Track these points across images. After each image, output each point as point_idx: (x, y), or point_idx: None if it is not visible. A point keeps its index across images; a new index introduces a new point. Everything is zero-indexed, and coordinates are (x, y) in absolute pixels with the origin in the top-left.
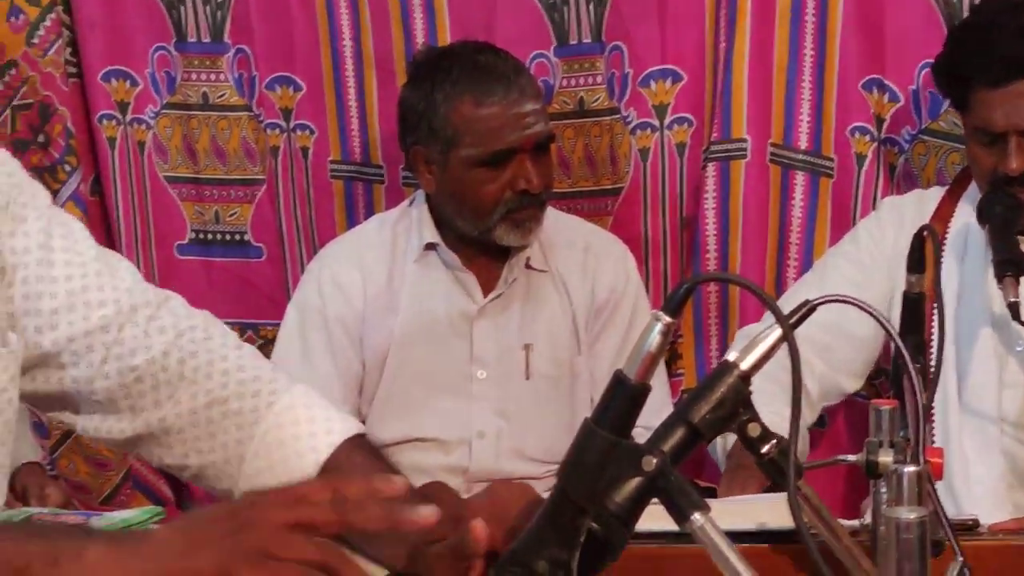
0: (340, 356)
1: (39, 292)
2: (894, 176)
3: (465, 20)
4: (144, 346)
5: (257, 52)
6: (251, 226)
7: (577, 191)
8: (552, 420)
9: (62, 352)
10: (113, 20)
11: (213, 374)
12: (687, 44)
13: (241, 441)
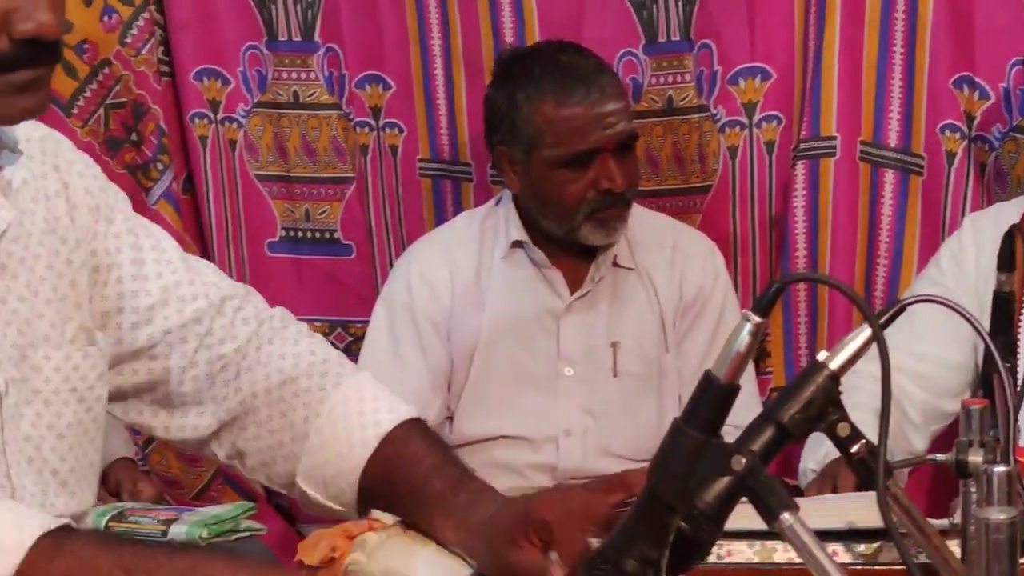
0: (429, 352)
1: (134, 290)
2: (984, 174)
3: (553, 18)
4: (231, 336)
5: (347, 51)
6: (340, 224)
7: (665, 189)
8: (640, 418)
9: (157, 344)
10: (205, 19)
11: (286, 355)
12: (776, 42)
13: (307, 418)
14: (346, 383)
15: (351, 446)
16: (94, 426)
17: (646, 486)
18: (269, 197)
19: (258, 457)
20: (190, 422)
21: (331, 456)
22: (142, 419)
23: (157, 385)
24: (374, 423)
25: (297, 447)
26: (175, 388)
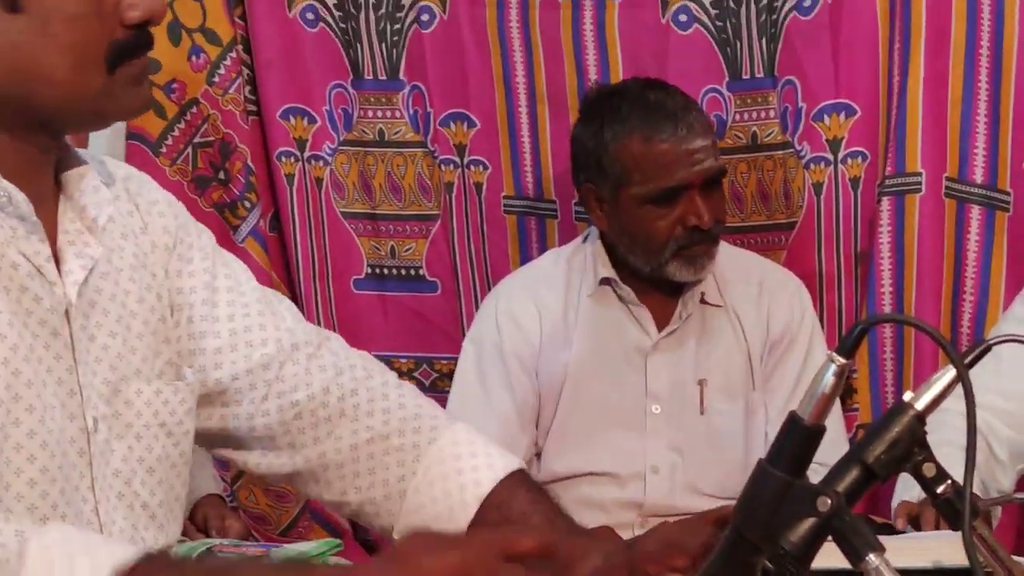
0: (517, 389)
1: (203, 332)
2: None
3: (637, 56)
4: (305, 383)
5: (432, 89)
6: (426, 261)
7: (750, 225)
8: (727, 455)
9: (226, 390)
10: (291, 59)
11: (374, 411)
12: (861, 77)
13: (403, 477)
14: (441, 438)
15: (451, 508)
16: (181, 460)
17: (731, 525)
18: (355, 234)
19: (349, 509)
20: (267, 461)
21: (430, 519)
22: (226, 454)
23: (230, 432)
24: (473, 483)
25: (393, 506)
26: (247, 434)
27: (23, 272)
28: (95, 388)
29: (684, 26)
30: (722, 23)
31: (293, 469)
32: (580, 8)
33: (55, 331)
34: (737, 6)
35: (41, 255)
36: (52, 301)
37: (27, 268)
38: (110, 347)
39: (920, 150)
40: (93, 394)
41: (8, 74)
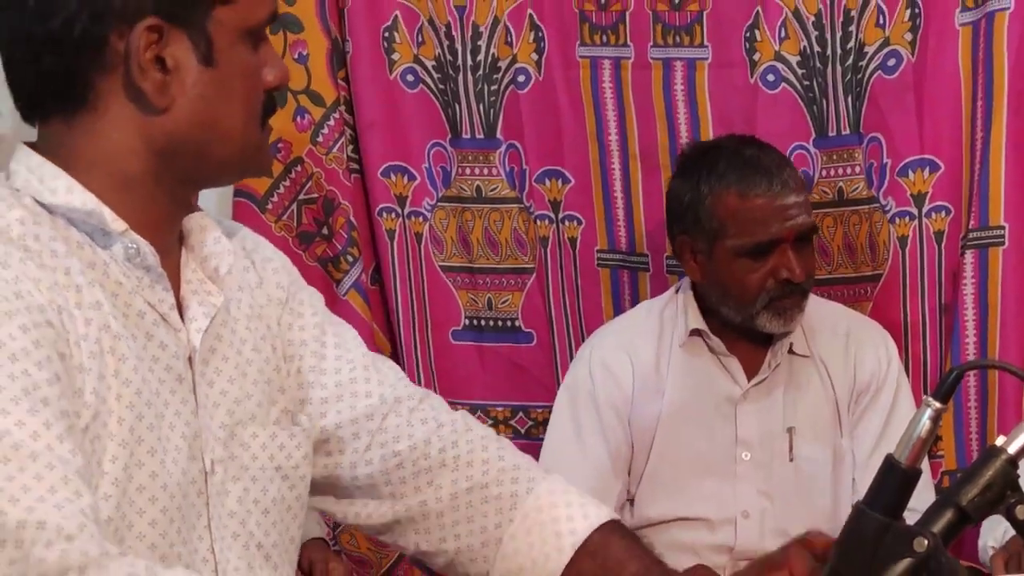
0: (611, 437)
1: (311, 382)
2: None
3: (727, 114)
4: (407, 434)
5: (527, 147)
6: (522, 312)
7: (838, 278)
8: (815, 500)
9: (330, 439)
10: (392, 119)
11: (474, 462)
12: (944, 134)
13: (500, 524)
14: (538, 488)
15: (547, 555)
16: (297, 504)
17: (830, 565)
18: (453, 287)
19: (445, 558)
20: (365, 511)
21: (527, 564)
22: (325, 505)
23: (333, 480)
24: (569, 531)
25: (490, 552)
26: (350, 483)
27: (149, 320)
28: (212, 432)
29: (772, 85)
30: (809, 82)
31: (393, 518)
32: (671, 69)
33: (180, 376)
34: (824, 66)
35: (165, 303)
36: (177, 347)
37: (152, 316)
38: (228, 392)
39: (1003, 204)
40: (211, 437)
41: (193, 125)
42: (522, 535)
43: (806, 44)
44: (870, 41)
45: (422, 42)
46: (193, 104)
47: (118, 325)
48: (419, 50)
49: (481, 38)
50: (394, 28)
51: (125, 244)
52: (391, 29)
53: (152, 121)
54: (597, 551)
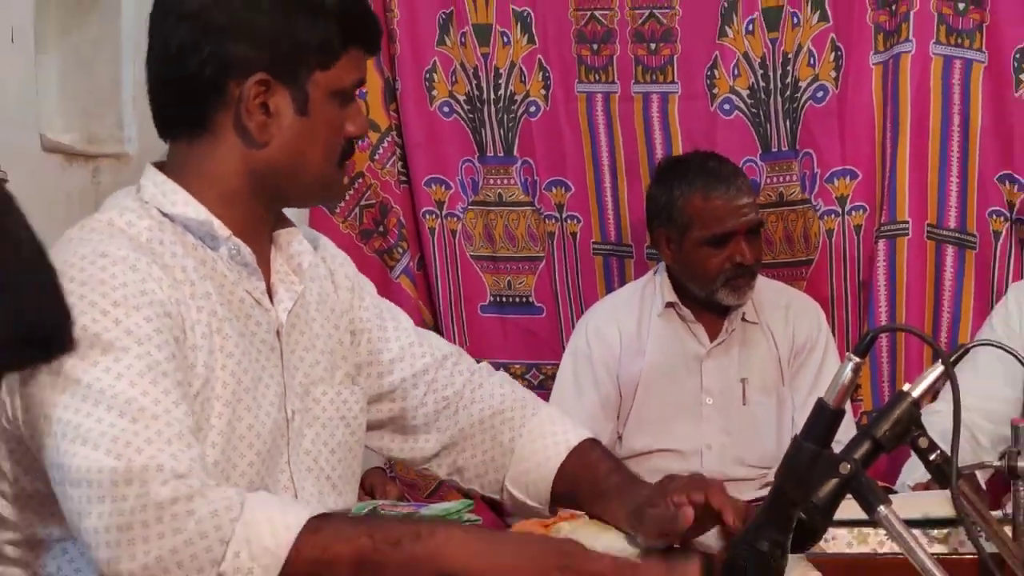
0: (603, 389)
1: (379, 348)
2: None
3: (693, 134)
4: (451, 383)
5: (538, 163)
6: (534, 291)
7: (779, 262)
8: (764, 436)
9: (396, 390)
10: (432, 140)
11: (494, 395)
12: (861, 150)
13: (513, 438)
14: (540, 413)
15: (547, 458)
16: (357, 445)
17: (775, 486)
18: (480, 272)
19: (473, 471)
20: (419, 446)
21: (531, 466)
22: (382, 444)
23: (396, 419)
24: (564, 441)
25: (505, 460)
26: (410, 422)
27: (247, 304)
28: (293, 389)
29: (727, 113)
30: (756, 110)
31: (439, 446)
32: (649, 101)
33: (272, 346)
34: (767, 97)
35: (259, 290)
36: (268, 324)
37: (250, 301)
38: (304, 358)
39: (908, 204)
40: (291, 393)
41: (284, 160)
42: (528, 444)
43: (754, 80)
44: (803, 78)
45: (455, 81)
46: (286, 144)
47: (223, 310)
48: (453, 88)
49: (501, 78)
50: (433, 70)
51: (229, 246)
52: (431, 71)
53: (253, 152)
54: (581, 455)
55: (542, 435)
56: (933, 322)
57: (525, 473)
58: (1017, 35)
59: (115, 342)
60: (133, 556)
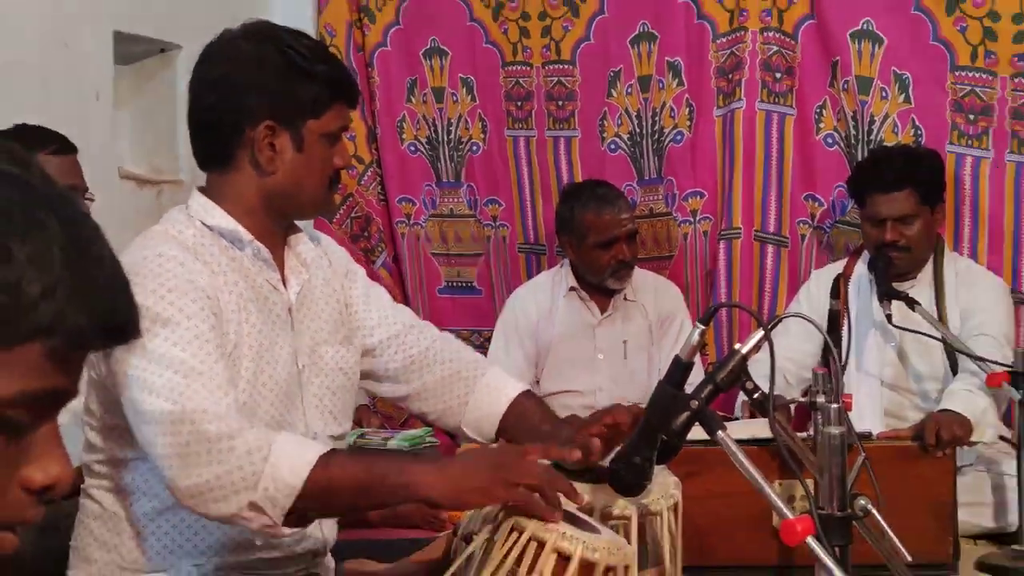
0: (525, 348)
1: (365, 317)
2: (822, 246)
3: (588, 167)
4: (417, 344)
5: (479, 186)
6: (476, 279)
7: (650, 257)
8: (639, 381)
9: (375, 348)
10: (402, 171)
11: (453, 359)
12: (707, 177)
13: (467, 392)
14: (488, 373)
15: (493, 409)
16: (352, 388)
17: (645, 417)
18: (438, 265)
19: (435, 415)
20: (392, 389)
21: (481, 415)
22: (367, 386)
23: (377, 370)
24: (506, 395)
25: (461, 410)
26: (384, 373)
27: (265, 290)
28: (302, 349)
29: (613, 151)
30: (633, 149)
31: (407, 393)
32: (558, 143)
33: (285, 320)
34: (641, 140)
35: (274, 279)
36: (282, 304)
37: (268, 287)
38: (311, 327)
39: (740, 214)
40: (302, 352)
41: (287, 185)
42: (478, 399)
43: (632, 128)
44: (667, 126)
45: (419, 128)
46: (288, 173)
47: (248, 293)
48: (417, 133)
49: (453, 125)
50: (403, 120)
51: (252, 248)
52: (401, 121)
53: (264, 180)
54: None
55: (489, 391)
56: (758, 300)
57: (476, 420)
58: (817, 96)
59: (170, 318)
60: (188, 476)
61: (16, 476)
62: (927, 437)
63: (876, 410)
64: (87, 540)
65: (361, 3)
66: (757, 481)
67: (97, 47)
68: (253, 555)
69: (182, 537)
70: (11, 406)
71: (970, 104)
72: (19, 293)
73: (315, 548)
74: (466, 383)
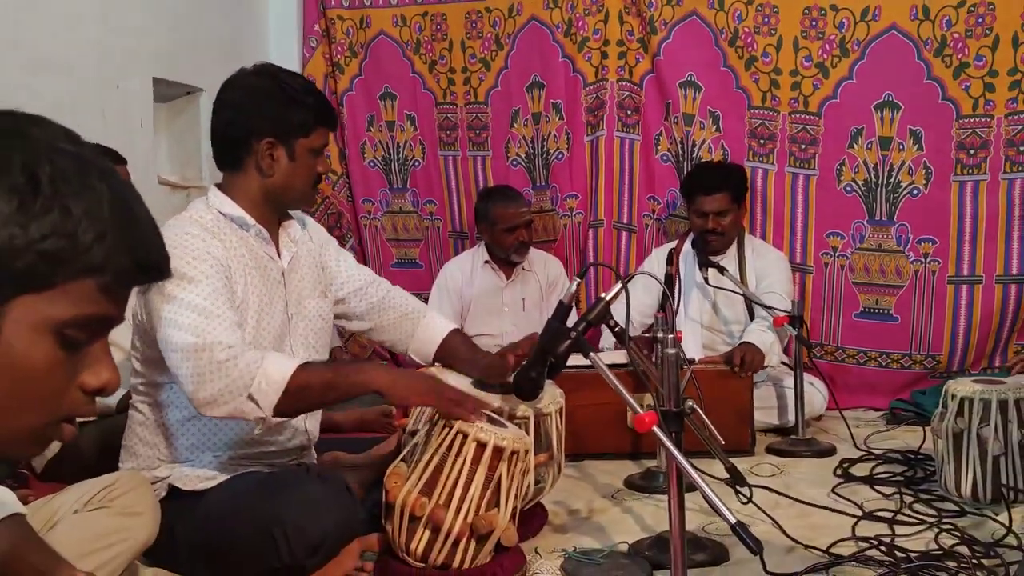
0: (453, 304)
1: (337, 275)
2: (660, 232)
3: (498, 176)
4: (375, 294)
5: (420, 190)
6: (419, 257)
7: (540, 240)
8: (534, 327)
9: (346, 297)
10: (365, 180)
11: (403, 305)
12: (580, 183)
13: (413, 328)
14: (428, 315)
15: (432, 340)
16: (328, 329)
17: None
18: (391, 247)
19: (390, 344)
20: (359, 325)
21: (423, 344)
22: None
23: (346, 313)
24: (441, 331)
25: (408, 340)
26: (353, 315)
27: (265, 260)
28: (291, 302)
29: (515, 166)
30: (528, 164)
31: (368, 327)
32: (476, 161)
33: (279, 281)
34: (534, 157)
35: (271, 252)
36: (277, 270)
37: (266, 259)
38: (298, 285)
39: (603, 210)
40: (291, 304)
41: (282, 185)
42: (421, 333)
43: (529, 149)
44: (552, 148)
45: (376, 149)
46: (283, 177)
47: (251, 264)
48: (375, 153)
49: (400, 147)
50: (364, 144)
51: (255, 230)
52: (363, 144)
53: (265, 180)
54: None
55: (428, 328)
56: (626, 266)
57: (420, 347)
58: (656, 127)
59: (194, 277)
60: (205, 389)
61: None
62: (734, 360)
63: (697, 344)
64: (134, 440)
65: (334, 59)
66: (618, 387)
67: (141, 88)
68: (257, 449)
69: (203, 436)
70: (70, 327)
71: (760, 132)
72: (76, 240)
73: (303, 444)
74: (412, 322)
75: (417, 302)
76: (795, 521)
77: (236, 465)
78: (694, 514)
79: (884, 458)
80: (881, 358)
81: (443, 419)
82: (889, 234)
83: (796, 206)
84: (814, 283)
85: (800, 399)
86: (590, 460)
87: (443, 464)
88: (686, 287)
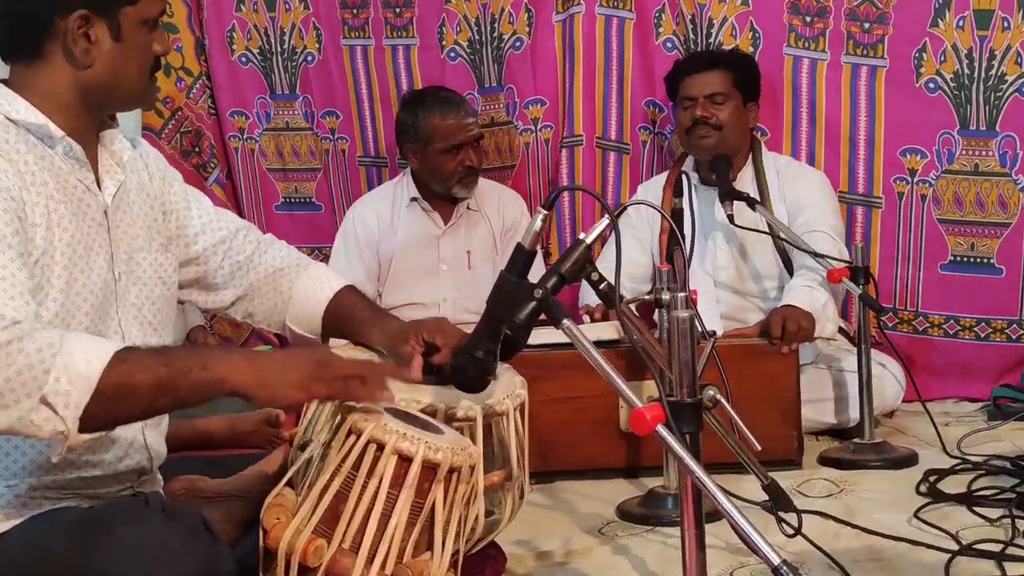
0: (366, 260)
1: (185, 224)
2: (663, 152)
3: (428, 75)
4: (243, 250)
5: (315, 97)
6: (315, 194)
7: (493, 167)
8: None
9: (199, 256)
10: (234, 83)
11: (276, 257)
12: (548, 84)
13: (290, 288)
14: (310, 269)
15: (316, 300)
16: (172, 298)
17: (487, 309)
18: (274, 181)
19: (262, 315)
20: (219, 298)
21: (304, 307)
22: (192, 297)
23: (201, 279)
24: (329, 287)
25: (285, 305)
26: (211, 280)
27: (79, 190)
28: (119, 256)
29: (453, 59)
30: (473, 56)
31: (235, 297)
32: (396, 51)
33: (100, 223)
34: (481, 47)
35: (88, 179)
36: (97, 206)
37: (81, 188)
38: (128, 232)
39: (582, 122)
40: (118, 259)
41: (106, 77)
42: (300, 291)
43: (472, 35)
44: (506, 32)
45: (250, 38)
46: (106, 64)
47: (59, 195)
48: (248, 43)
49: (286, 35)
50: (233, 30)
51: (63, 145)
52: (231, 31)
53: (80, 73)
54: (340, 297)
55: (311, 284)
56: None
57: (299, 312)
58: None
59: None
60: None
61: None
62: (772, 329)
63: (713, 311)
64: None
65: None
66: (606, 372)
67: None
68: (71, 474)
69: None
70: None
71: (806, 6)
72: None
73: (140, 466)
74: (288, 278)
75: (299, 254)
76: (864, 563)
77: (40, 498)
78: (718, 554)
79: (987, 468)
80: (979, 327)
81: (343, 417)
82: (990, 150)
83: (858, 112)
84: (883, 222)
85: (867, 387)
86: (566, 480)
87: (348, 489)
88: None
